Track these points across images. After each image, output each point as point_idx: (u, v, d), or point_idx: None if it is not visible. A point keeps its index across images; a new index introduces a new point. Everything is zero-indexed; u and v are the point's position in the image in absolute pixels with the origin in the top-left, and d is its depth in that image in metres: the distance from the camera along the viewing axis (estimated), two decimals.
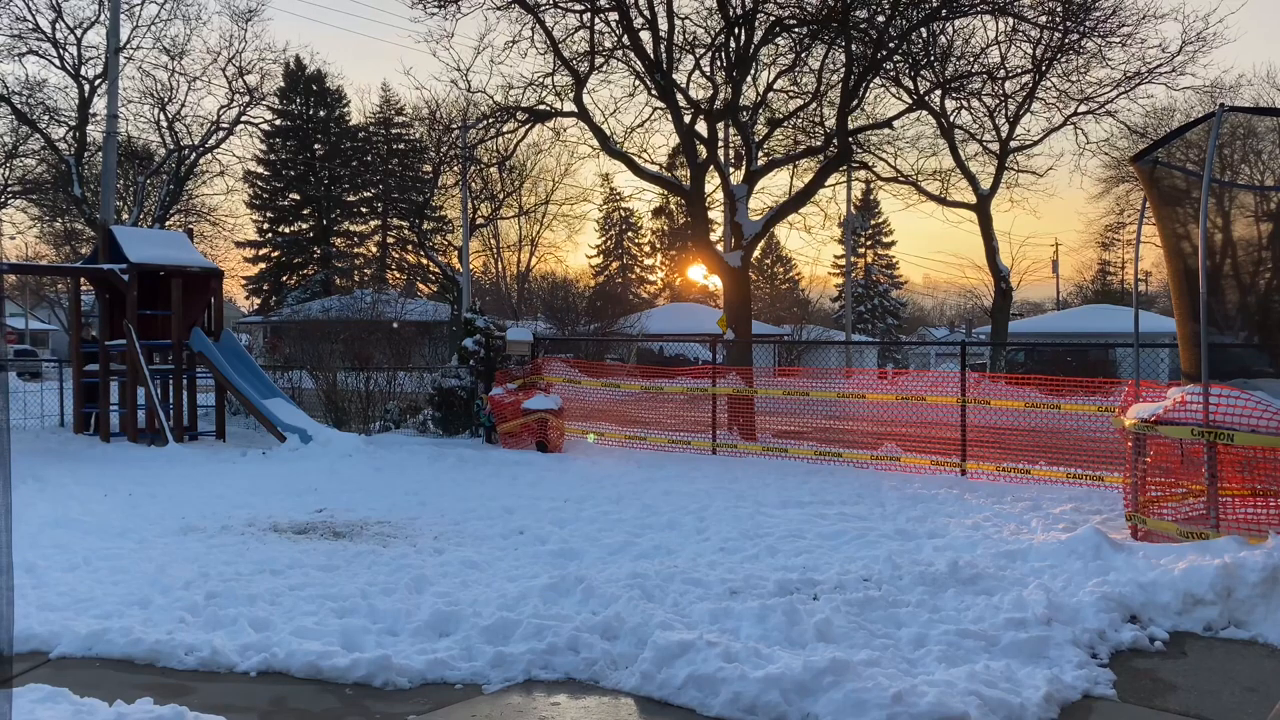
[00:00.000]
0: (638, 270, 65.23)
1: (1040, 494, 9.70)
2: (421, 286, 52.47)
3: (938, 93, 22.53)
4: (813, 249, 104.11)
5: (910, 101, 21.60)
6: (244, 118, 31.92)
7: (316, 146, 53.05)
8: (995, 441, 11.38)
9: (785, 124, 20.09)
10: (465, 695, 4.55)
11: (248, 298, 55.12)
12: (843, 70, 16.70)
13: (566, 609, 5.43)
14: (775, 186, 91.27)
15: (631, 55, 17.06)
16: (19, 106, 28.66)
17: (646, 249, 66.01)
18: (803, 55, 17.80)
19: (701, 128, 17.33)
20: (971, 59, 21.92)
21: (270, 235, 53.73)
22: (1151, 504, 7.59)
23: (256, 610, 5.54)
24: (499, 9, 17.13)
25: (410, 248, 53.65)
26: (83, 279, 16.30)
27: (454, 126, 23.33)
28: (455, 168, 26.30)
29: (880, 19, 16.47)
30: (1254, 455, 6.96)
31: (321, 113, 53.09)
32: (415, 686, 4.64)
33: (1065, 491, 9.79)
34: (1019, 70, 22.76)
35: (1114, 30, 20.54)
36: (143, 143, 32.68)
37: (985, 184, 25.41)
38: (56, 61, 28.63)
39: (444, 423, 15.33)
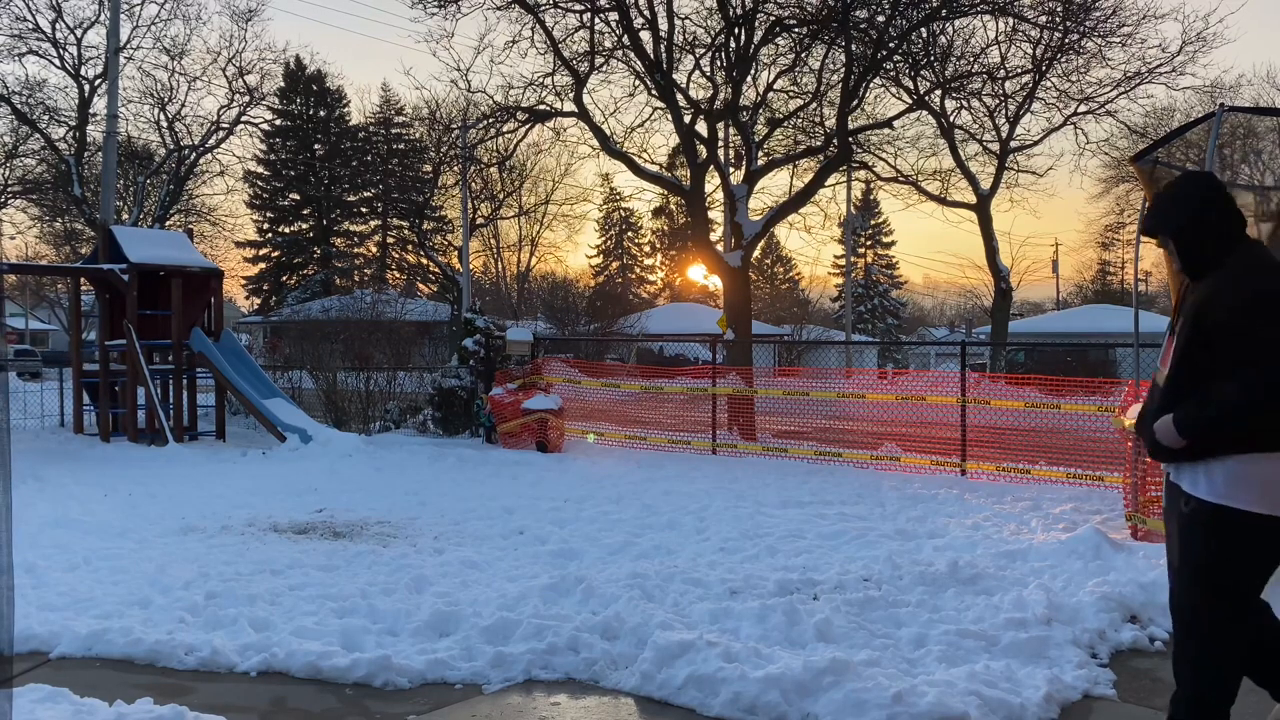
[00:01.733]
0: (638, 270, 65.23)
1: (1040, 494, 9.69)
2: (421, 286, 52.45)
3: (938, 93, 22.53)
4: (813, 249, 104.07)
5: (910, 101, 21.60)
6: (244, 118, 31.96)
7: (316, 146, 53.06)
8: (995, 441, 11.38)
9: (785, 124, 20.09)
10: (465, 695, 4.55)
11: (248, 298, 55.13)
12: (843, 70, 16.70)
13: (566, 609, 5.43)
14: (775, 186, 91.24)
15: (631, 55, 17.06)
16: (19, 106, 28.65)
17: (646, 249, 66.03)
18: (803, 55, 17.80)
19: (701, 128, 17.33)
20: (971, 59, 21.93)
21: (270, 235, 53.73)
22: (1151, 504, 7.58)
23: (256, 610, 5.54)
24: (499, 9, 17.14)
25: (410, 248, 53.64)
26: (83, 279, 16.31)
27: (454, 126, 23.35)
28: (455, 168, 26.32)
29: (880, 19, 16.47)
30: None
31: (321, 113, 53.09)
32: (415, 686, 4.64)
33: (1065, 491, 9.78)
34: (1019, 70, 22.78)
35: (1114, 30, 20.55)
36: (143, 143, 32.71)
37: (985, 184, 25.41)
38: (56, 61, 28.65)
39: (444, 423, 15.33)
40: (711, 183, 20.05)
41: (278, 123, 48.54)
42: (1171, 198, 3.39)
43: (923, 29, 18.46)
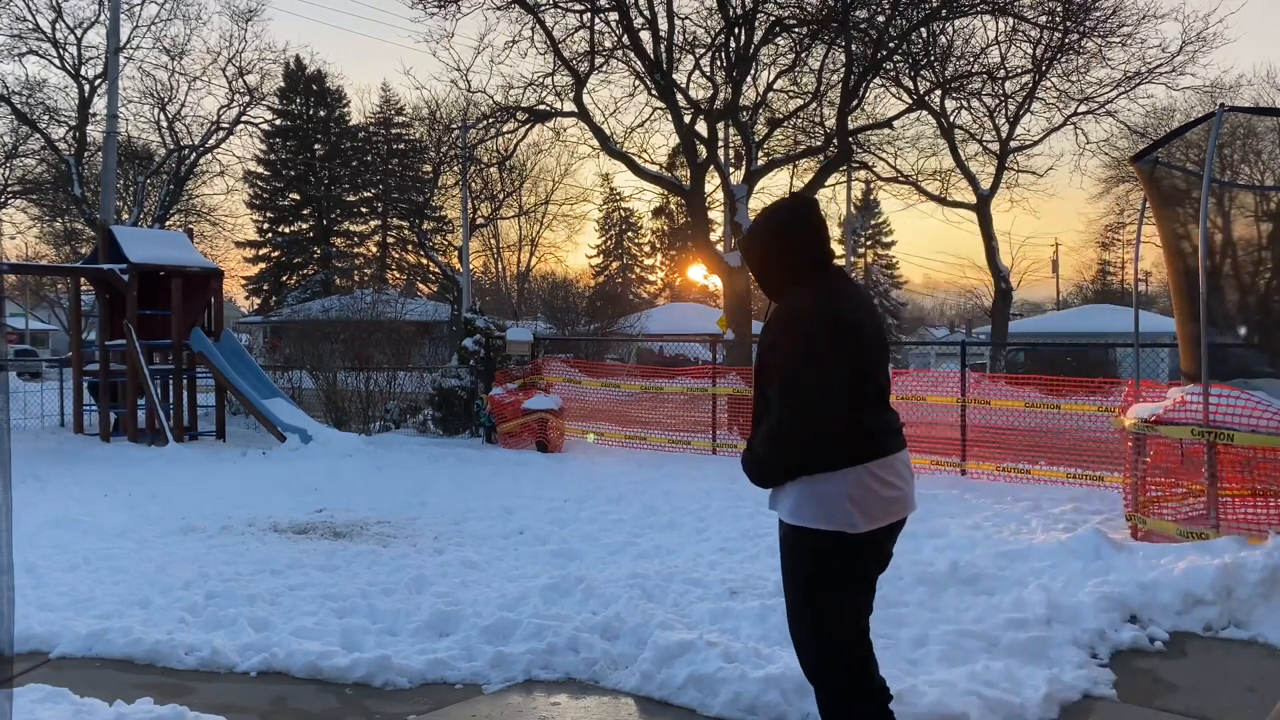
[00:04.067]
0: (638, 270, 65.17)
1: (1040, 494, 9.69)
2: (421, 286, 52.41)
3: (938, 93, 22.53)
4: None
5: (910, 101, 21.61)
6: (244, 118, 31.94)
7: (316, 146, 53.01)
8: (995, 441, 11.37)
9: (785, 124, 20.10)
10: (465, 695, 4.55)
11: (248, 298, 55.09)
12: (843, 70, 16.72)
13: (566, 609, 5.43)
14: (775, 186, 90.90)
15: (631, 55, 17.08)
16: (19, 106, 28.64)
17: (646, 249, 65.94)
18: (803, 55, 17.81)
19: (701, 128, 17.33)
20: (971, 59, 21.92)
21: (270, 235, 53.70)
22: (1151, 504, 7.59)
23: (256, 610, 5.54)
24: (499, 9, 17.17)
25: (410, 248, 53.60)
26: (83, 279, 16.30)
27: (454, 126, 23.38)
28: (455, 168, 26.32)
29: (880, 19, 16.48)
30: (1254, 455, 6.96)
31: (321, 113, 53.05)
32: (415, 686, 4.64)
33: (1065, 491, 9.78)
34: (1019, 70, 22.76)
35: (1114, 30, 20.56)
36: (143, 143, 32.69)
37: (985, 184, 25.39)
38: (56, 61, 28.64)
39: (444, 423, 15.33)
40: (711, 183, 20.08)
41: (278, 123, 48.49)
42: (755, 224, 3.49)
43: (923, 29, 18.46)
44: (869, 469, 3.21)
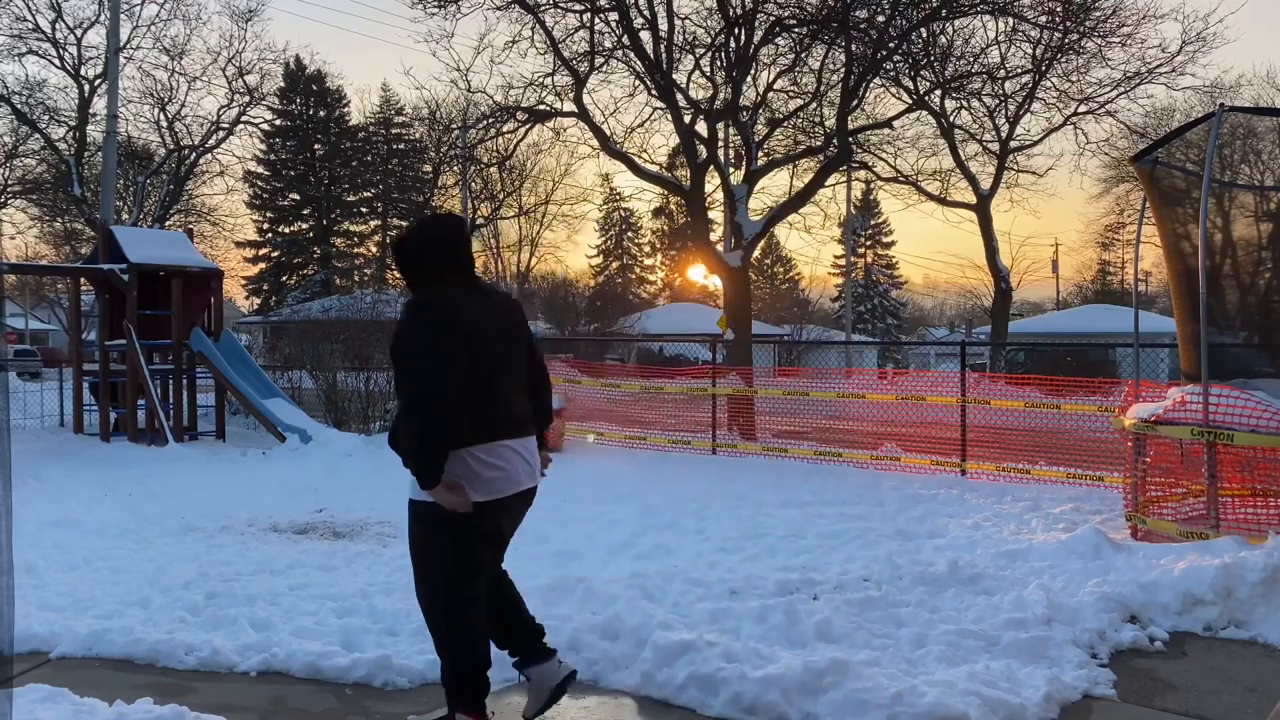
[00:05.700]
0: (638, 270, 65.17)
1: (1040, 494, 9.69)
2: None
3: (938, 93, 22.54)
4: (813, 249, 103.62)
5: (910, 101, 21.62)
6: (244, 118, 31.97)
7: (316, 146, 52.98)
8: (995, 441, 11.38)
9: (785, 124, 20.10)
10: None
11: (248, 298, 55.08)
12: (843, 70, 16.72)
13: (566, 609, 5.43)
14: (775, 186, 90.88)
15: (631, 55, 17.07)
16: (19, 106, 28.66)
17: (646, 249, 65.94)
18: (803, 55, 17.81)
19: (701, 128, 17.33)
20: (971, 59, 21.93)
21: (270, 235, 53.69)
22: (1151, 504, 7.59)
23: (256, 610, 5.54)
24: (499, 9, 17.17)
25: None
26: (83, 279, 16.30)
27: (454, 126, 23.37)
28: (455, 168, 26.34)
29: (880, 19, 16.49)
30: (1254, 455, 6.96)
31: (321, 113, 53.02)
32: (415, 686, 4.64)
33: (1065, 491, 9.79)
34: (1019, 70, 22.78)
35: (1114, 30, 20.58)
36: (143, 143, 32.69)
37: (985, 184, 25.40)
38: (56, 61, 28.67)
39: None
40: (711, 183, 20.05)
41: (278, 123, 48.52)
42: (408, 229, 3.94)
43: (923, 29, 18.46)
44: (471, 452, 3.69)
